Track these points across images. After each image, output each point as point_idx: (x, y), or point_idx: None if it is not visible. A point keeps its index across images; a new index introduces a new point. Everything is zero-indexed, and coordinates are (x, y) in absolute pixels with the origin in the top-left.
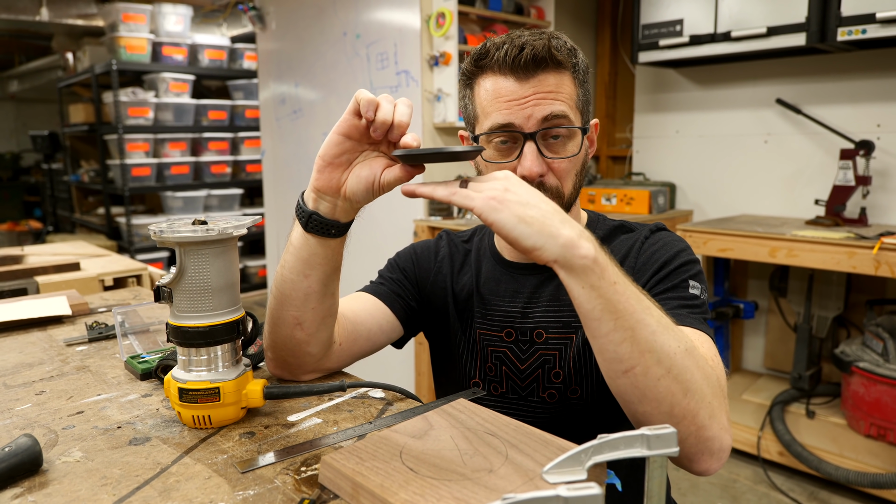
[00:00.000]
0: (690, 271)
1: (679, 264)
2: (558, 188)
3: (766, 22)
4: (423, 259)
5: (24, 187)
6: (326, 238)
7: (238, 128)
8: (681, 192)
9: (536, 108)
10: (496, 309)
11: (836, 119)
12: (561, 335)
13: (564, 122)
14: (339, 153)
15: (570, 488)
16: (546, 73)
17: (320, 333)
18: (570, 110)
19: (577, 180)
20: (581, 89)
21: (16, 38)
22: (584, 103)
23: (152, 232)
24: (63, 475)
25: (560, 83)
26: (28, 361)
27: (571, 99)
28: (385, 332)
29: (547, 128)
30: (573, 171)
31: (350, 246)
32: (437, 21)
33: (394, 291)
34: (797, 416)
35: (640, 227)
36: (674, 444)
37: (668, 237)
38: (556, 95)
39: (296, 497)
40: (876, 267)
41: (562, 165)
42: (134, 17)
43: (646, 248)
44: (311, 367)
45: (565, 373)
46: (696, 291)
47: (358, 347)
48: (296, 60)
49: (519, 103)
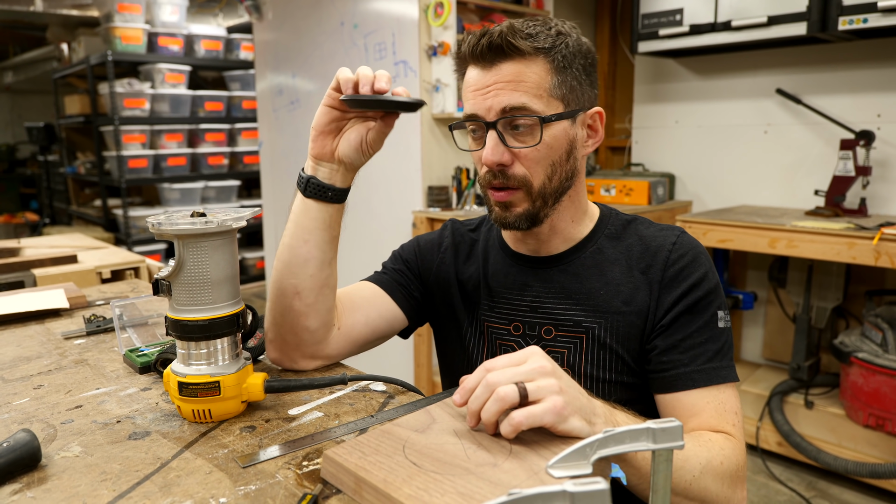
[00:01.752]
0: (718, 299)
1: (708, 290)
2: (525, 177)
3: (766, 11)
4: (427, 251)
5: (21, 179)
6: (324, 203)
7: (235, 119)
8: (680, 183)
9: (495, 99)
10: (504, 301)
11: (837, 109)
12: (570, 334)
13: (523, 112)
14: (327, 122)
15: (575, 483)
16: (507, 62)
17: (318, 304)
18: (535, 99)
19: (553, 170)
20: (560, 76)
21: (10, 29)
22: (567, 90)
23: (150, 224)
24: (62, 470)
25: (522, 72)
26: (26, 355)
27: (540, 87)
28: (385, 320)
29: (505, 118)
30: (545, 160)
31: (350, 238)
32: (435, 10)
33: (395, 280)
34: (796, 406)
35: (653, 223)
36: (679, 438)
37: (695, 249)
38: (516, 86)
39: (298, 492)
40: (876, 257)
41: (528, 154)
42: (129, 8)
43: (674, 260)
44: (311, 351)
45: (574, 372)
46: (723, 324)
47: (357, 333)
48: (293, 51)
49: (482, 93)
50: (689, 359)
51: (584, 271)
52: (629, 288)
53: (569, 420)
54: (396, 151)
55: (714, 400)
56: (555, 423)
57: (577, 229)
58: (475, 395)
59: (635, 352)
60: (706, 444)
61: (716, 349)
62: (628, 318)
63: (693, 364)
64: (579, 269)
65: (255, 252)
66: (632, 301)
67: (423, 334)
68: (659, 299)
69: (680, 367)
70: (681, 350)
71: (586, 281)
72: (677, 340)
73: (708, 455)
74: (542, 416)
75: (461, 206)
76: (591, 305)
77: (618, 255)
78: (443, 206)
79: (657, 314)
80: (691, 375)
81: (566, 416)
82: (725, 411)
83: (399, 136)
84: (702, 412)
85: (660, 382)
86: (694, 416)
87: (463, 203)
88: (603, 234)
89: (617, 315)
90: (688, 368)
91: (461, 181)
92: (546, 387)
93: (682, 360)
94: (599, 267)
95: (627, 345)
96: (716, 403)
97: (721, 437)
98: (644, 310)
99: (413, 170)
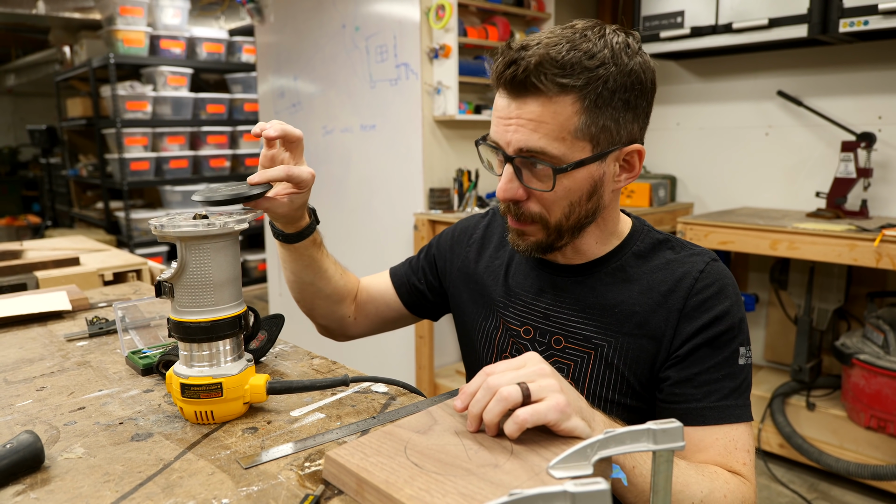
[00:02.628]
0: (742, 335)
1: (731, 325)
2: (542, 215)
3: (767, 13)
4: (458, 241)
5: (23, 182)
6: (285, 243)
7: (237, 121)
8: (681, 185)
9: (514, 136)
10: (520, 303)
11: (838, 111)
12: (579, 348)
13: (539, 157)
14: None
15: (576, 483)
16: (532, 98)
17: (315, 312)
18: (555, 143)
19: (572, 210)
20: (591, 115)
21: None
22: (599, 129)
23: (153, 226)
24: (65, 472)
25: (545, 112)
26: (28, 357)
27: (563, 129)
28: (393, 311)
29: (522, 157)
30: (562, 201)
31: (351, 240)
32: (436, 13)
33: (407, 275)
34: (797, 408)
35: (686, 245)
36: (680, 439)
37: (722, 279)
38: (536, 126)
39: (300, 493)
40: (877, 259)
41: (544, 196)
42: (131, 10)
43: (699, 289)
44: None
45: (577, 387)
46: (743, 361)
47: (369, 322)
48: (294, 53)
49: (505, 123)
50: (702, 394)
51: (601, 287)
52: (645, 310)
53: (571, 418)
54: (398, 153)
55: (724, 437)
56: (558, 421)
57: (601, 249)
58: (476, 399)
59: (643, 377)
60: (710, 475)
61: (732, 387)
62: (639, 342)
63: (706, 400)
64: (597, 283)
65: (256, 254)
66: (646, 325)
67: (425, 336)
68: (678, 328)
69: (692, 402)
70: (695, 384)
71: (602, 297)
72: (692, 374)
73: (711, 486)
74: (546, 413)
75: (463, 208)
76: (603, 323)
77: (640, 275)
78: (444, 209)
79: (674, 343)
80: (702, 412)
81: (569, 413)
82: (736, 449)
83: (400, 138)
84: (709, 448)
85: (668, 414)
86: (701, 452)
87: (464, 205)
88: (630, 251)
89: (628, 337)
90: (700, 404)
91: (462, 183)
92: (548, 386)
93: (695, 395)
94: (618, 285)
95: (636, 368)
96: (725, 441)
97: (727, 473)
98: (659, 336)
99: (414, 172)
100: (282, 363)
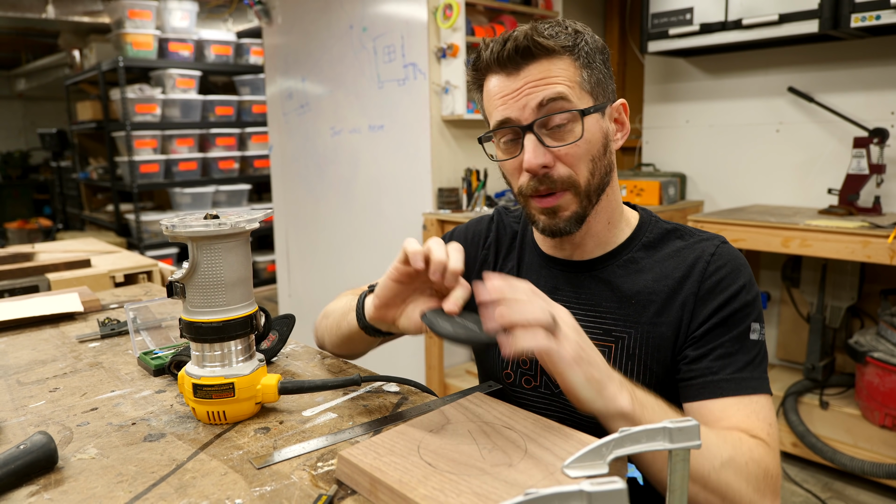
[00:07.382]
0: (755, 312)
1: (745, 302)
2: (571, 177)
3: (777, 9)
4: (472, 245)
5: (34, 185)
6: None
7: (245, 123)
8: (691, 183)
9: (530, 97)
10: None
11: (850, 107)
12: (599, 342)
13: (562, 103)
14: (392, 296)
15: (592, 483)
16: (536, 63)
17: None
18: (570, 91)
19: (594, 166)
20: (587, 70)
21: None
22: (595, 84)
23: (165, 227)
24: (79, 472)
25: (552, 69)
26: (41, 358)
27: (572, 81)
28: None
29: (544, 115)
30: (586, 156)
31: (360, 240)
32: (444, 12)
33: None
34: (811, 406)
35: (695, 232)
36: (696, 438)
37: (734, 260)
38: (548, 81)
39: (313, 493)
40: (891, 256)
41: (570, 152)
42: (140, 14)
43: (711, 272)
44: None
45: None
46: (756, 336)
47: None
48: (302, 55)
49: (513, 97)
50: (718, 367)
51: (615, 279)
52: (662, 298)
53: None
54: (406, 153)
55: (745, 408)
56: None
57: (612, 233)
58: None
59: (666, 363)
60: (733, 441)
61: (746, 360)
62: (659, 330)
63: (722, 373)
64: (610, 276)
65: (266, 256)
66: (664, 312)
67: (435, 337)
68: (694, 311)
69: (709, 375)
70: (711, 359)
71: (618, 289)
72: (708, 349)
73: (733, 452)
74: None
75: (471, 208)
76: (622, 314)
77: (652, 265)
78: (453, 208)
79: (691, 326)
80: (719, 384)
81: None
82: (758, 419)
83: (408, 138)
84: (731, 417)
85: (688, 390)
86: (722, 422)
87: (473, 205)
88: (640, 243)
89: (648, 326)
90: (717, 377)
91: (471, 183)
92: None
93: (712, 369)
94: (632, 276)
95: (658, 356)
96: (747, 411)
97: (752, 440)
98: (677, 321)
99: (423, 172)
100: (293, 363)
